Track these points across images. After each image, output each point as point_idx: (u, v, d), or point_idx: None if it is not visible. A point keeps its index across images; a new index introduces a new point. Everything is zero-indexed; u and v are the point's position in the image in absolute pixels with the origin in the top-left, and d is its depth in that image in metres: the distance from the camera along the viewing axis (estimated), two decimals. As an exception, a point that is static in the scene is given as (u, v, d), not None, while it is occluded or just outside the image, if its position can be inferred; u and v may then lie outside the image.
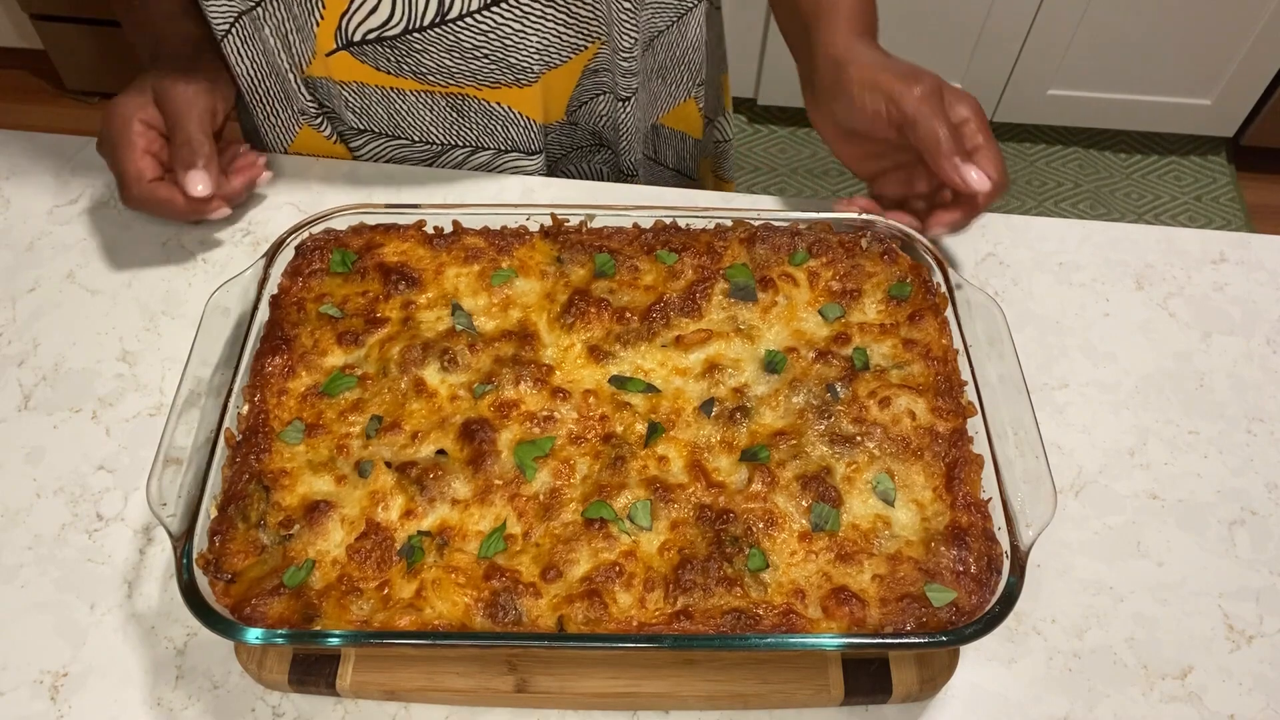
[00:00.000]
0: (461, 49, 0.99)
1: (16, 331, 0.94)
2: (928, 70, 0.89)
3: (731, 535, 0.70)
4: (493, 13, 0.96)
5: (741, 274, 0.84)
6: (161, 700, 0.74)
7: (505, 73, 1.02)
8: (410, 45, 0.98)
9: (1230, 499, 0.85)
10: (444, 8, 0.95)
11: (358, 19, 0.96)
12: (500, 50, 1.00)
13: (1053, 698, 0.75)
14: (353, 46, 0.98)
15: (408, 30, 0.96)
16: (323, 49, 0.99)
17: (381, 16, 0.95)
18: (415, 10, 0.95)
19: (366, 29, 0.96)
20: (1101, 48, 2.50)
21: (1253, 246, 1.03)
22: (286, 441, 0.75)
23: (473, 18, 0.96)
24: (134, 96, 0.94)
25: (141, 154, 0.93)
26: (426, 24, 0.96)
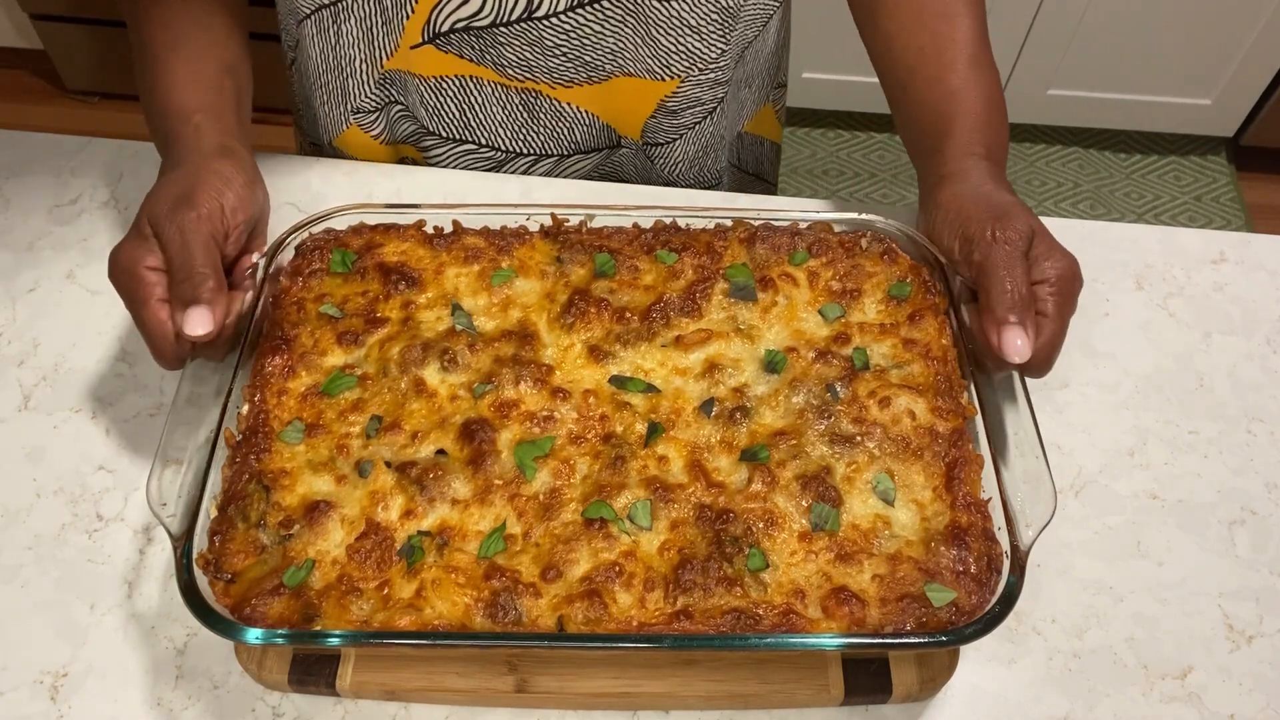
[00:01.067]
0: (543, 45, 1.00)
1: (16, 331, 0.94)
2: (1028, 213, 0.79)
3: (731, 535, 0.70)
4: (576, 14, 0.97)
5: (741, 274, 0.84)
6: (161, 700, 0.74)
7: (580, 70, 1.03)
8: (495, 37, 0.99)
9: (1230, 499, 0.85)
10: (532, 5, 0.96)
11: (449, 10, 0.97)
12: (578, 49, 1.01)
13: (1053, 698, 0.75)
14: (439, 38, 0.99)
15: (495, 23, 0.98)
16: (408, 42, 1.00)
17: (472, 8, 0.97)
18: (505, 5, 0.96)
19: (456, 19, 0.98)
20: (1101, 48, 2.50)
21: (1253, 246, 1.03)
22: (286, 441, 0.75)
23: (558, 17, 0.97)
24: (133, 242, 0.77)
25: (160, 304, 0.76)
26: (514, 19, 0.97)
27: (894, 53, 0.95)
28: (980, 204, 0.81)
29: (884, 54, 0.96)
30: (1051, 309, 0.76)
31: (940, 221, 0.83)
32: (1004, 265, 0.76)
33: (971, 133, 0.87)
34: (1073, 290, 0.77)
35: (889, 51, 0.95)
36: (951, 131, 0.87)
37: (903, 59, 0.94)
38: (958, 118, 0.88)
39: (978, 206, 0.80)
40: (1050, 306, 0.76)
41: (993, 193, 0.82)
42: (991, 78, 0.91)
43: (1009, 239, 0.76)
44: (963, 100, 0.88)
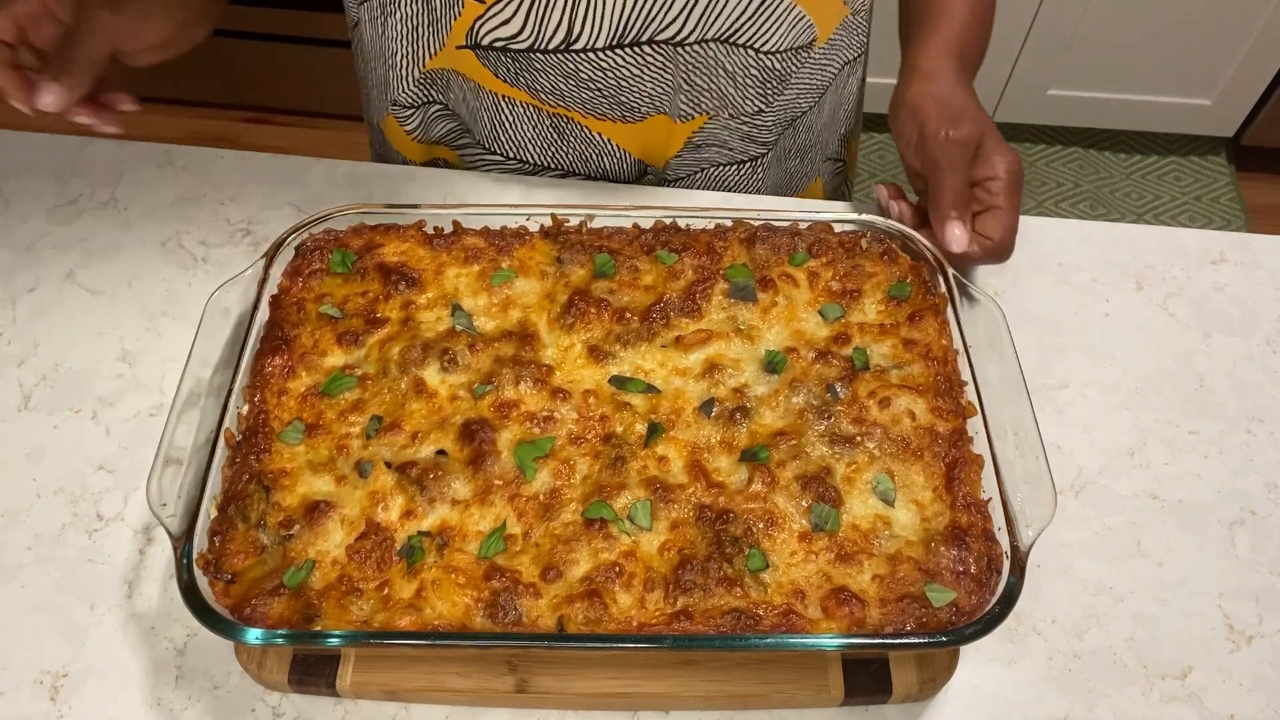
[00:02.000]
0: (579, 78, 0.99)
1: (16, 331, 0.94)
2: (980, 116, 0.88)
3: (731, 535, 0.70)
4: (616, 53, 0.97)
5: (741, 274, 0.84)
6: (161, 700, 0.74)
7: (614, 108, 1.02)
8: (531, 62, 0.99)
9: (1230, 499, 0.85)
10: (571, 37, 0.95)
11: (489, 26, 0.96)
12: (614, 88, 1.00)
13: (1053, 698, 0.75)
14: (479, 49, 0.99)
15: (533, 49, 0.97)
16: (453, 43, 1.00)
17: (512, 29, 0.96)
18: (544, 32, 0.95)
19: (495, 37, 0.97)
20: (1101, 48, 2.50)
21: (1253, 246, 1.03)
22: (286, 441, 0.75)
23: (596, 53, 0.97)
24: None
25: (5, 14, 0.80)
26: (551, 48, 0.96)
27: None
28: (940, 103, 0.89)
29: None
30: (1004, 201, 0.85)
31: (905, 116, 0.91)
32: (949, 165, 0.85)
33: (950, 35, 0.95)
34: (1020, 183, 0.87)
35: None
36: (934, 32, 0.95)
37: None
38: (943, 19, 0.96)
39: (938, 105, 0.89)
40: (1003, 199, 0.85)
41: (954, 95, 0.90)
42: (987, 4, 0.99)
43: (959, 139, 0.85)
44: (952, 11, 0.96)
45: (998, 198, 0.86)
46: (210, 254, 1.00)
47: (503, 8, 0.94)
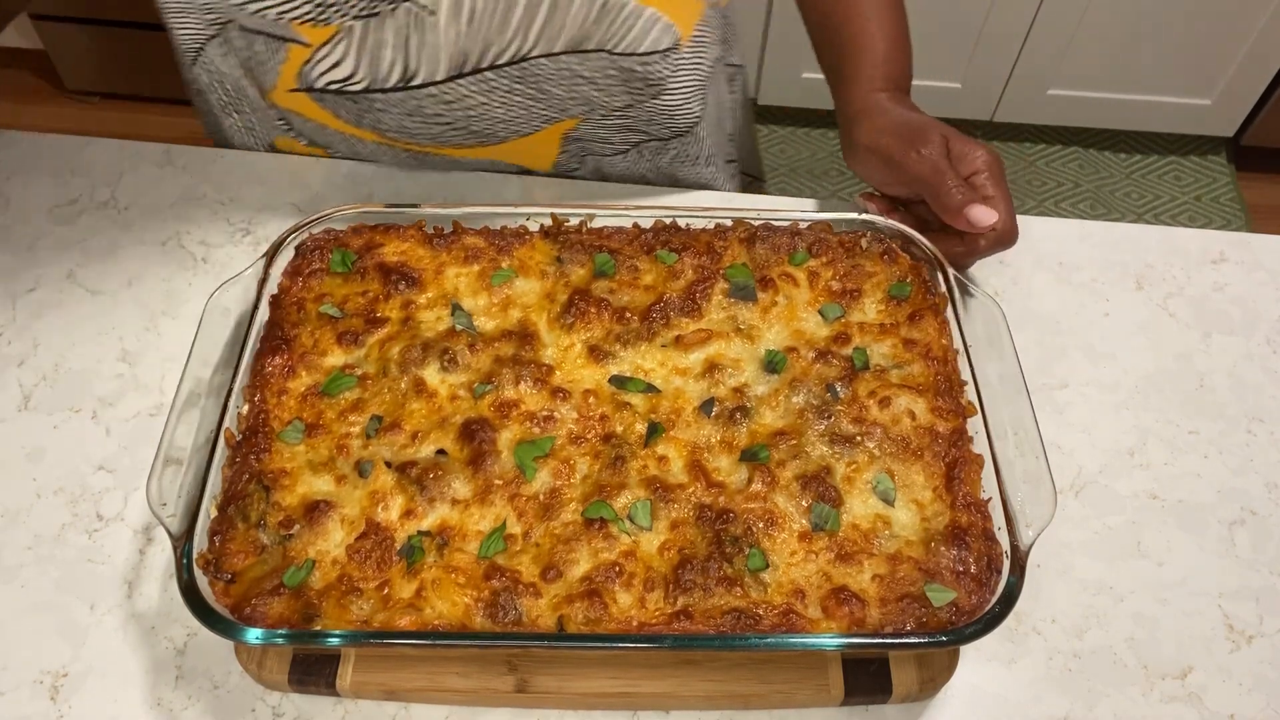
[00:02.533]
0: (424, 115, 0.96)
1: (16, 331, 0.94)
2: (936, 123, 0.89)
3: (731, 535, 0.70)
4: (457, 84, 0.93)
5: (741, 274, 0.84)
6: (161, 700, 0.74)
7: (467, 137, 1.00)
8: (371, 103, 0.95)
9: (1230, 499, 0.85)
10: (408, 74, 0.92)
11: (320, 69, 0.92)
12: (464, 119, 0.97)
13: (1053, 698, 0.75)
14: (314, 91, 0.95)
15: (369, 89, 0.94)
16: (285, 86, 0.96)
17: (344, 72, 0.92)
18: (378, 72, 0.92)
19: (328, 79, 0.93)
20: (1101, 48, 2.50)
21: (1253, 246, 1.03)
22: (286, 441, 0.75)
23: (436, 87, 0.93)
24: None
25: None
26: (390, 87, 0.93)
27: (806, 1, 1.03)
28: (895, 132, 0.90)
29: None
30: (994, 189, 0.86)
31: (866, 158, 0.93)
32: (936, 172, 0.86)
33: (874, 72, 0.96)
34: (1002, 169, 0.88)
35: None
36: (858, 70, 0.96)
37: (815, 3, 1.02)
38: (863, 57, 0.96)
39: (893, 135, 0.90)
40: (991, 188, 0.86)
41: (903, 117, 0.91)
42: (895, 17, 0.99)
43: (930, 152, 0.87)
44: (865, 42, 0.97)
45: (986, 188, 0.87)
46: (210, 254, 1.00)
47: (330, 50, 0.90)
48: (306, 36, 0.88)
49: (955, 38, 2.53)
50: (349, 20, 0.86)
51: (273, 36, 0.90)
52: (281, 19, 0.86)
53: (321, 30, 0.87)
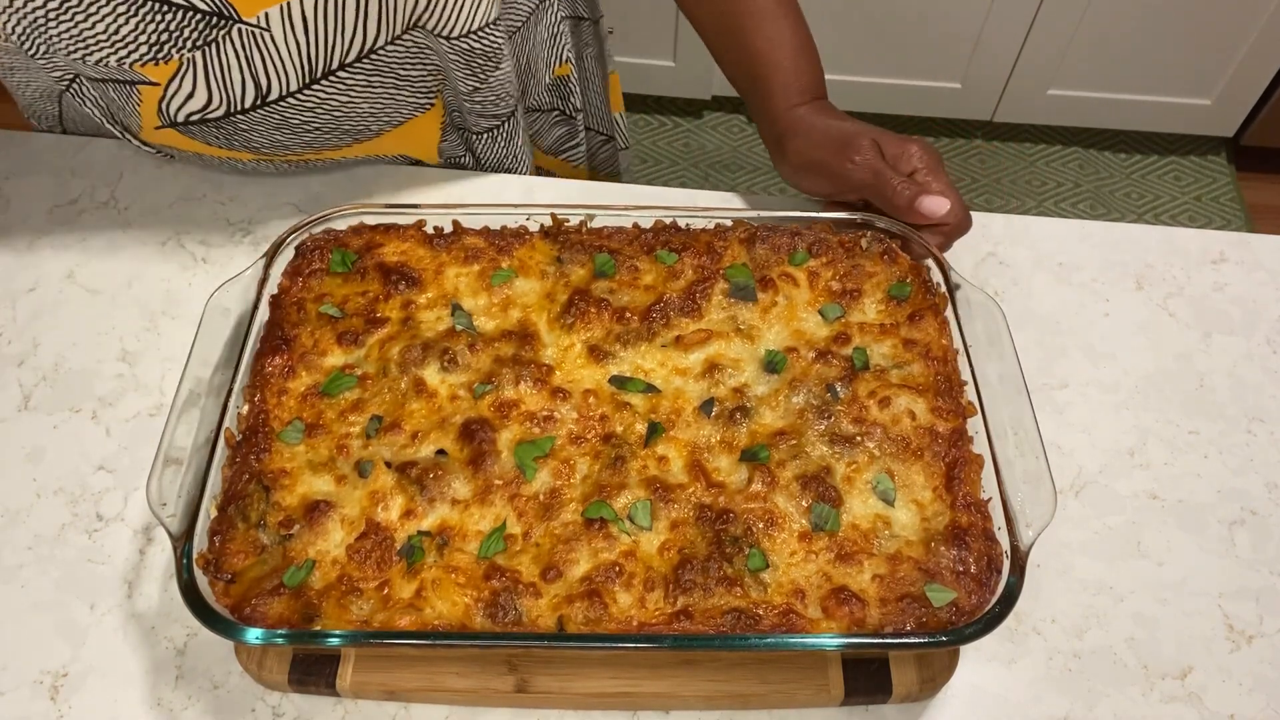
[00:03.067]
0: (289, 126, 0.95)
1: (16, 331, 0.94)
2: (862, 129, 0.90)
3: (731, 535, 0.70)
4: (313, 90, 0.92)
5: (741, 274, 0.84)
6: (161, 700, 0.74)
7: (341, 138, 0.99)
8: (236, 126, 0.94)
9: (1230, 499, 0.85)
10: (262, 91, 0.90)
11: (176, 104, 0.91)
12: (331, 121, 0.96)
13: (1053, 698, 0.75)
14: (177, 125, 0.94)
15: (230, 113, 0.92)
16: (149, 125, 0.95)
17: (199, 102, 0.90)
18: (232, 95, 0.90)
19: (188, 111, 0.92)
20: (1101, 48, 2.50)
21: (1253, 246, 1.03)
22: (286, 441, 0.75)
23: (294, 97, 0.92)
24: None
25: None
26: (247, 107, 0.91)
27: (705, 20, 1.01)
28: (823, 145, 0.90)
29: (698, 20, 1.03)
30: (936, 181, 0.87)
31: (801, 174, 0.93)
32: (876, 175, 0.86)
33: (786, 86, 0.95)
34: (938, 159, 0.88)
35: (701, 19, 1.02)
36: (770, 90, 0.96)
37: (713, 25, 1.01)
38: (772, 76, 0.96)
39: (824, 149, 0.90)
40: (933, 181, 0.87)
41: (827, 129, 0.91)
42: (793, 25, 0.97)
43: (865, 157, 0.87)
44: (771, 57, 0.96)
45: (930, 183, 0.87)
46: (210, 254, 1.00)
47: (179, 84, 0.88)
48: (152, 76, 0.87)
49: (955, 38, 2.53)
50: (187, 53, 0.85)
51: (120, 82, 0.89)
52: (123, 64, 0.85)
53: (164, 68, 0.86)
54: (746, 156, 2.82)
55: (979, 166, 2.78)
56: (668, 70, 2.68)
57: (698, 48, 1.07)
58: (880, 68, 2.64)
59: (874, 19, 2.51)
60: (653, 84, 2.77)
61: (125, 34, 0.82)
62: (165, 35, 0.83)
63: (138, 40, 0.83)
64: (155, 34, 0.82)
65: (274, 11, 0.83)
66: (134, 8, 0.80)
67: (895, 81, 2.67)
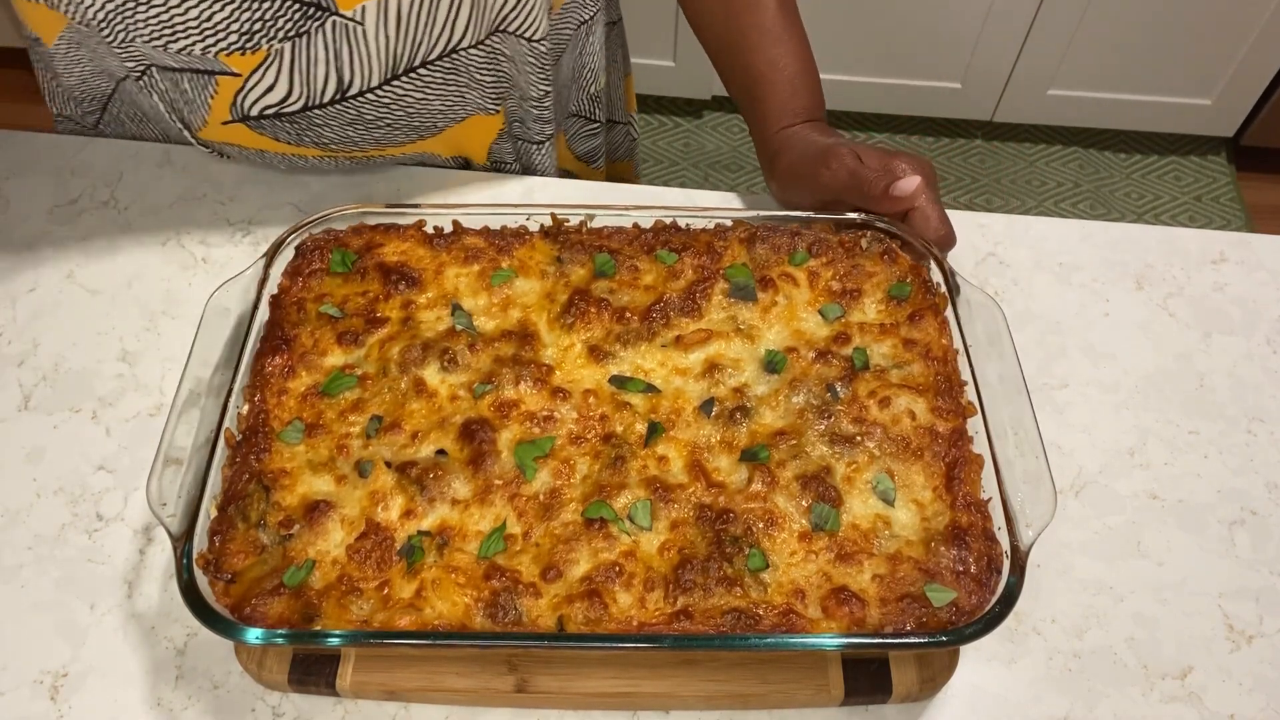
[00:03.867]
0: (364, 121, 0.96)
1: (16, 331, 0.94)
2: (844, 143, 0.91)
3: (731, 535, 0.70)
4: (391, 87, 0.93)
5: (741, 274, 0.84)
6: (161, 700, 0.74)
7: (408, 134, 1.00)
8: (310, 120, 0.95)
9: (1230, 499, 0.85)
10: (343, 85, 0.91)
11: (253, 97, 0.91)
12: (403, 118, 0.98)
13: (1053, 698, 0.75)
14: (249, 120, 0.94)
15: (307, 107, 0.93)
16: (217, 119, 0.95)
17: (278, 95, 0.91)
18: (314, 89, 0.91)
19: (263, 105, 0.92)
20: (1101, 48, 2.50)
21: (1253, 246, 1.03)
22: (286, 441, 0.75)
23: (373, 93, 0.93)
24: None
25: None
26: (326, 101, 0.92)
27: (709, 36, 1.03)
28: (805, 158, 0.92)
29: (703, 34, 1.04)
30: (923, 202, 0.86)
31: (786, 187, 0.95)
32: (852, 175, 0.87)
33: (782, 106, 0.97)
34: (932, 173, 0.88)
35: (705, 33, 1.04)
36: (767, 111, 0.98)
37: (716, 42, 1.03)
38: (769, 97, 0.98)
39: (805, 161, 0.92)
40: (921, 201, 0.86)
41: (812, 144, 0.93)
42: (795, 48, 0.99)
43: (841, 164, 0.88)
44: (770, 79, 0.98)
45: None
46: (210, 254, 1.00)
47: (261, 75, 0.88)
48: (235, 66, 0.87)
49: (955, 38, 2.53)
50: (277, 43, 0.85)
51: (198, 72, 0.88)
52: (207, 53, 0.85)
53: (250, 58, 0.86)
54: (746, 156, 2.82)
55: (979, 166, 2.78)
56: (668, 70, 2.69)
57: (698, 48, 1.08)
58: (880, 68, 2.65)
59: (874, 19, 2.51)
60: (653, 84, 2.77)
61: (218, 21, 0.82)
62: (258, 25, 0.83)
63: (229, 29, 0.83)
64: (249, 23, 0.83)
65: (370, 5, 0.84)
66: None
67: (895, 81, 2.67)
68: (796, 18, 1.01)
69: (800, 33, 1.00)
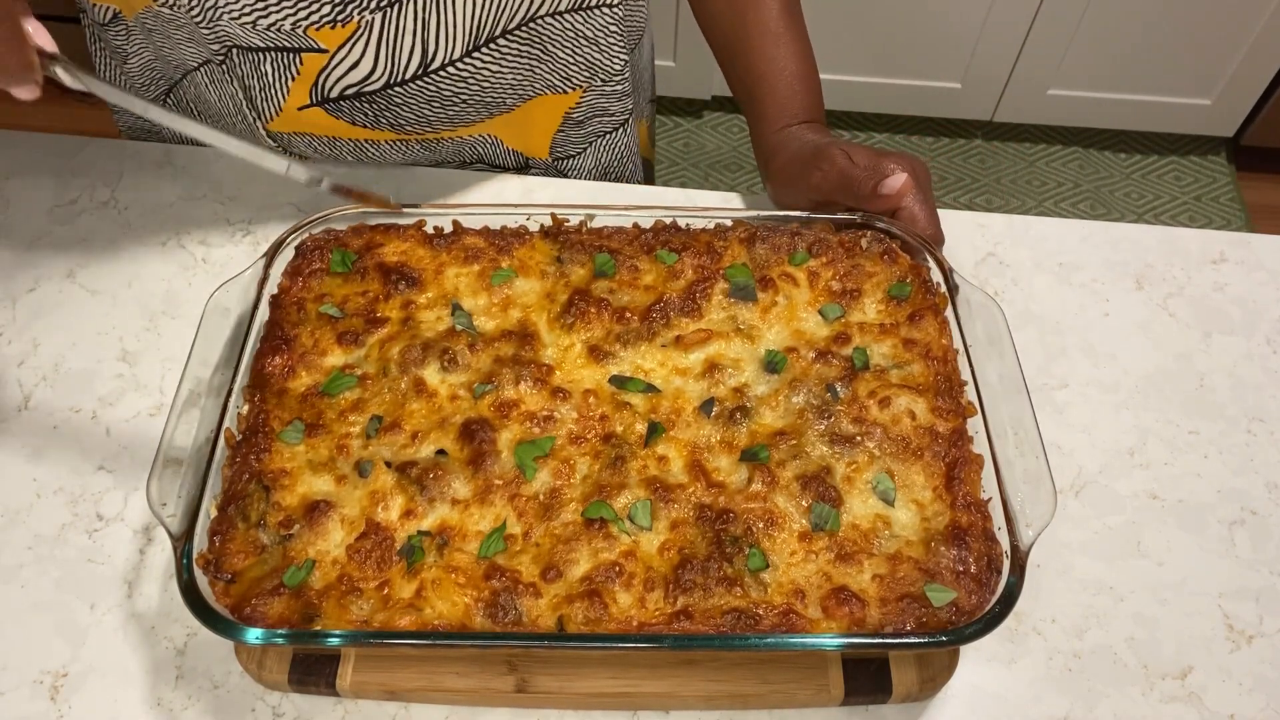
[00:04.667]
0: (441, 98, 0.96)
1: (16, 331, 0.94)
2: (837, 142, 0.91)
3: (731, 535, 0.70)
4: (473, 58, 0.94)
5: (741, 274, 0.84)
6: (161, 700, 0.74)
7: (481, 110, 1.01)
8: (390, 99, 0.95)
9: (1230, 499, 0.85)
10: (427, 58, 0.91)
11: (336, 75, 0.91)
12: (478, 93, 0.98)
13: (1053, 698, 0.75)
14: (328, 103, 0.94)
15: (389, 85, 0.93)
16: (294, 105, 0.95)
17: (363, 71, 0.91)
18: (398, 63, 0.90)
19: (345, 84, 0.92)
20: (1101, 48, 2.50)
21: (1253, 246, 1.03)
22: (286, 441, 0.75)
23: (454, 66, 0.93)
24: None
25: None
26: (409, 77, 0.92)
27: (714, 34, 1.04)
28: (799, 157, 0.92)
29: (709, 33, 1.04)
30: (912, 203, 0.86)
31: (780, 187, 0.96)
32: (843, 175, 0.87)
33: (781, 109, 0.98)
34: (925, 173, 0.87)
35: (710, 33, 1.04)
36: (765, 111, 0.98)
37: (720, 40, 1.03)
38: (769, 97, 0.98)
39: (798, 160, 0.92)
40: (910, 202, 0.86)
41: (806, 144, 0.93)
42: (796, 49, 1.00)
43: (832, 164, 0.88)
44: (770, 79, 0.98)
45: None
46: (210, 254, 1.00)
47: (348, 51, 0.88)
48: (323, 41, 0.87)
49: (955, 38, 2.53)
50: (368, 14, 0.85)
51: (284, 50, 0.88)
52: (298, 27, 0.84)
53: (339, 32, 0.86)
54: (746, 156, 2.82)
55: (979, 166, 2.78)
56: (668, 70, 2.69)
57: (698, 48, 1.09)
58: (880, 68, 2.64)
59: (874, 19, 2.51)
60: (653, 84, 2.77)
61: None
62: None
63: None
64: None
65: None
66: None
67: (895, 81, 2.67)
68: (799, 18, 1.01)
69: (802, 34, 1.01)
